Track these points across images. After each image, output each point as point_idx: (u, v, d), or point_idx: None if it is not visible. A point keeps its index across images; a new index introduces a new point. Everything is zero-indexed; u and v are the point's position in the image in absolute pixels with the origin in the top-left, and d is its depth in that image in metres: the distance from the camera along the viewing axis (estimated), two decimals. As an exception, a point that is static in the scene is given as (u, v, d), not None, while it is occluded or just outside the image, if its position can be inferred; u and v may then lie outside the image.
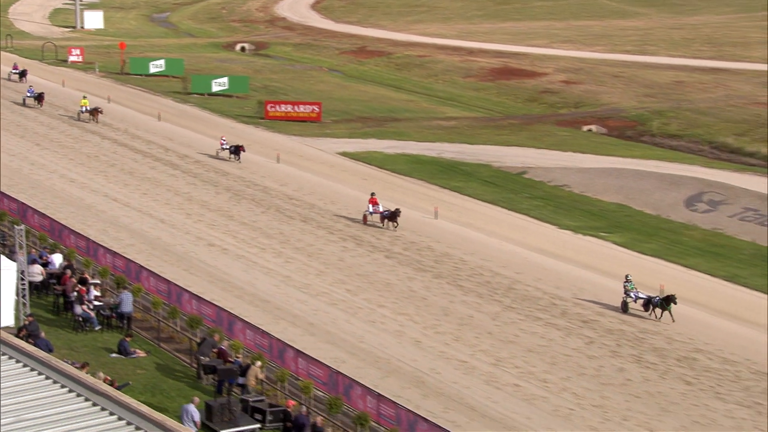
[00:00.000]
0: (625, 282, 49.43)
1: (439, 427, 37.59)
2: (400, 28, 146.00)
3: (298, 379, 41.41)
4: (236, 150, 76.60)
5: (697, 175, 72.79)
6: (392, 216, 62.06)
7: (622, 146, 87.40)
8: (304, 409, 37.60)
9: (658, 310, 49.12)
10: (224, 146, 77.59)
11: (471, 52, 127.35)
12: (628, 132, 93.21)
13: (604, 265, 57.40)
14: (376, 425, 38.48)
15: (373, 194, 63.77)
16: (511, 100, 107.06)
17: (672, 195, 68.21)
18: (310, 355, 43.01)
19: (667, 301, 48.24)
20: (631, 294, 49.12)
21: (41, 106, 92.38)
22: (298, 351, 43.22)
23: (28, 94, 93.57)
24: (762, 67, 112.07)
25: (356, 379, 41.09)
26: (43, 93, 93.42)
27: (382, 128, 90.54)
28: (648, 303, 49.21)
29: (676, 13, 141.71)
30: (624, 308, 49.88)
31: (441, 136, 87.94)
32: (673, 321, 48.64)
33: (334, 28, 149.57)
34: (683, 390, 43.43)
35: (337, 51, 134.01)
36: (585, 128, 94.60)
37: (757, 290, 54.52)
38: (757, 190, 68.08)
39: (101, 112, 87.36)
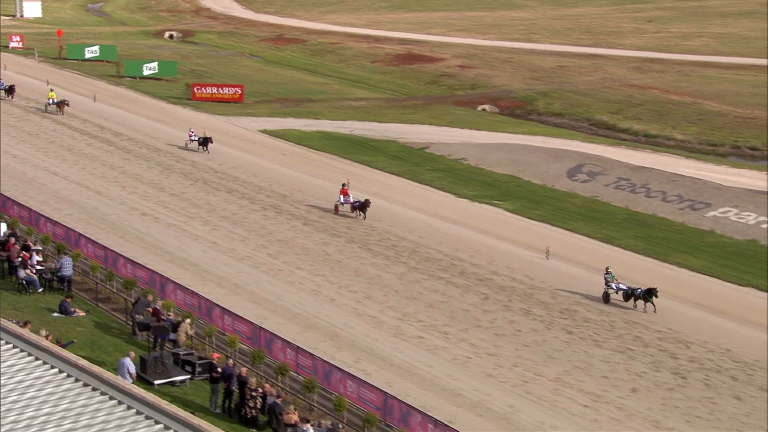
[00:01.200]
0: (605, 274, 47.09)
1: (352, 375, 37.74)
2: (313, 18, 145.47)
3: (225, 335, 41.38)
4: (204, 141, 73.27)
5: (577, 149, 73.43)
6: (362, 206, 58.80)
7: (512, 124, 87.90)
8: (230, 361, 37.49)
9: (640, 302, 46.30)
10: (192, 138, 74.16)
11: (378, 39, 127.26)
12: (517, 111, 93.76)
13: (497, 229, 57.73)
14: (295, 374, 38.52)
15: (344, 185, 60.72)
16: (413, 83, 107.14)
17: (556, 167, 68.71)
18: (235, 312, 43.06)
19: (649, 293, 45.84)
20: (612, 285, 46.71)
21: (12, 98, 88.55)
22: (224, 309, 43.23)
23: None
24: (633, 53, 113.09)
25: (277, 334, 41.16)
26: (14, 85, 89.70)
27: (299, 108, 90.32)
28: (629, 294, 46.70)
29: (557, 5, 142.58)
30: (605, 299, 47.23)
31: (351, 115, 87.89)
32: (655, 311, 46.17)
33: (254, 18, 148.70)
34: (565, 339, 43.89)
35: (256, 38, 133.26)
36: (479, 108, 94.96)
37: (628, 250, 55.07)
38: (629, 162, 68.76)
39: (68, 104, 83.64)
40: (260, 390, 35.21)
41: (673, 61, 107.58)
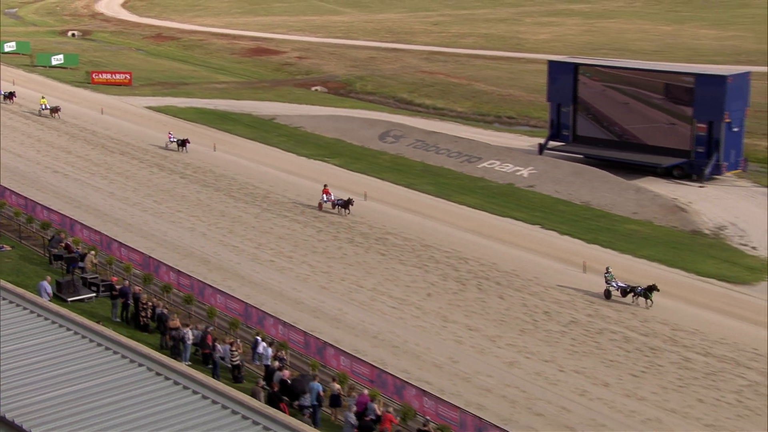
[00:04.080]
0: (605, 273, 40.17)
1: (221, 290, 37.59)
2: (184, 20, 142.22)
3: (121, 262, 40.91)
4: (183, 143, 63.18)
5: (385, 119, 73.60)
6: (345, 204, 50.27)
7: (337, 100, 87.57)
8: (126, 282, 37.01)
9: (641, 299, 39.10)
10: (172, 139, 64.12)
11: (234, 37, 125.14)
12: (341, 91, 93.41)
13: (327, 179, 57.38)
14: (177, 291, 38.14)
15: (325, 186, 51.96)
16: (263, 70, 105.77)
17: (370, 132, 68.79)
18: (130, 245, 42.58)
19: (649, 290, 38.66)
20: (613, 283, 39.68)
21: None
22: (120, 243, 42.83)
23: None
24: (424, 47, 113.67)
25: (162, 261, 40.76)
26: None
27: (175, 90, 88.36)
28: (628, 291, 39.35)
29: (368, 12, 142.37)
30: (607, 295, 39.68)
31: (216, 94, 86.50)
32: (652, 305, 38.82)
33: (138, 21, 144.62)
34: (379, 259, 44.15)
35: (141, 36, 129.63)
36: (313, 88, 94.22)
37: (424, 192, 55.32)
38: (423, 128, 69.20)
39: (59, 109, 72.73)
40: (150, 303, 34.96)
41: (453, 54, 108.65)
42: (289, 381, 29.08)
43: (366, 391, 29.16)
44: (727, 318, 37.98)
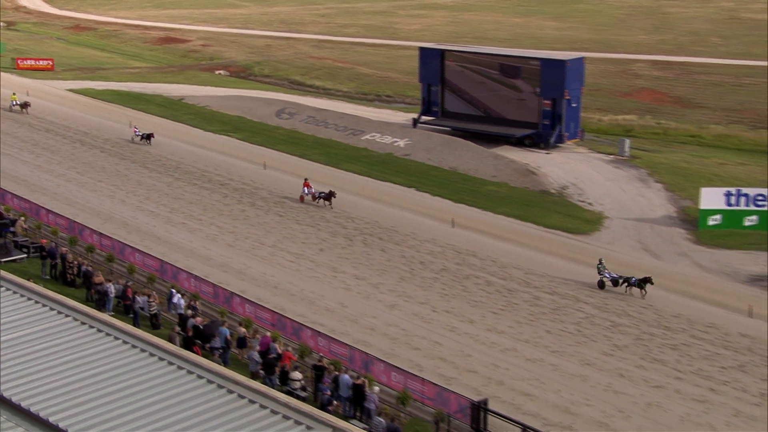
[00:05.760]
0: (598, 264, 36.55)
1: (139, 249, 36.84)
2: (101, 13, 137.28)
3: (49, 227, 39.66)
4: (147, 136, 57.63)
5: (281, 98, 72.74)
6: (327, 196, 45.54)
7: (238, 82, 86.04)
8: (53, 244, 35.89)
9: (636, 289, 35.58)
10: (137, 133, 58.32)
11: (146, 28, 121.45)
12: (242, 74, 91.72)
13: (231, 151, 56.82)
14: (100, 251, 37.27)
15: (306, 179, 47.25)
16: (172, 57, 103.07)
17: (268, 110, 67.86)
18: (56, 211, 41.42)
19: (644, 281, 35.26)
20: (605, 274, 36.32)
21: None
22: (48, 209, 41.55)
23: None
24: (313, 36, 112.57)
25: (86, 225, 39.72)
26: None
27: (94, 74, 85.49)
28: (622, 282, 35.75)
29: (264, 5, 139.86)
30: (600, 286, 36.21)
31: (131, 78, 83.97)
32: (645, 294, 35.47)
33: (58, 13, 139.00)
34: (278, 220, 43.82)
35: (61, 27, 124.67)
36: (216, 72, 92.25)
37: (315, 162, 54.84)
38: (314, 106, 68.67)
39: (29, 105, 65.62)
40: (76, 262, 34.09)
41: (338, 42, 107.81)
42: (201, 327, 28.85)
43: (268, 333, 29.12)
44: (569, 262, 39.05)
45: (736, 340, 31.83)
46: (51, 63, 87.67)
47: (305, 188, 46.51)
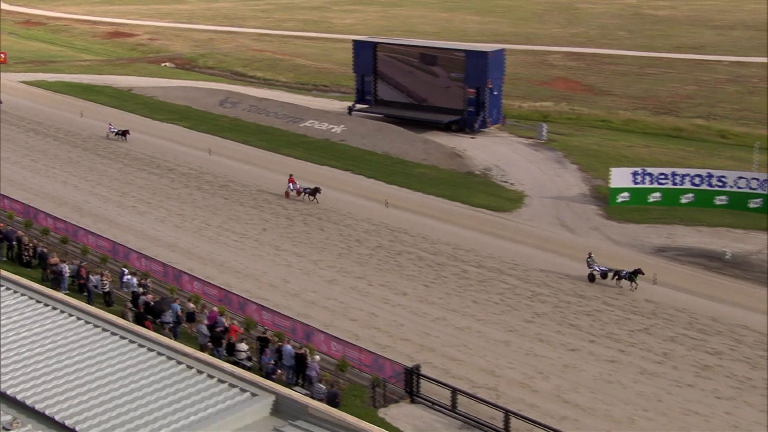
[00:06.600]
0: (588, 258, 34.81)
1: (92, 232, 36.25)
2: (50, 9, 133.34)
3: (5, 211, 38.78)
4: (123, 133, 54.73)
5: (224, 88, 71.74)
6: (313, 192, 43.26)
7: (184, 74, 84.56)
8: (10, 227, 35.05)
9: (626, 282, 33.93)
10: (112, 130, 55.37)
11: (95, 22, 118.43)
12: (187, 66, 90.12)
13: (179, 138, 55.99)
14: (55, 234, 36.50)
15: (291, 175, 44.68)
16: (120, 50, 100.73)
17: (212, 99, 66.88)
18: (12, 197, 40.43)
19: (634, 274, 33.62)
20: (595, 267, 34.35)
21: None
22: (3, 195, 40.78)
23: None
24: (254, 30, 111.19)
25: (40, 209, 38.88)
26: None
27: (46, 67, 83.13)
28: (614, 276, 34.09)
29: (208, 1, 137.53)
30: (591, 279, 34.39)
31: (81, 70, 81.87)
32: (636, 288, 33.90)
33: (8, 9, 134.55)
34: (223, 202, 43.40)
35: (13, 22, 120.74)
36: (163, 65, 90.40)
37: (258, 148, 54.28)
38: (256, 96, 67.94)
39: (0, 102, 62.59)
40: (32, 244, 33.39)
41: (277, 35, 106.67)
42: (152, 303, 28.56)
43: (215, 308, 28.94)
44: (494, 238, 39.54)
45: (642, 305, 32.70)
46: (4, 56, 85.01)
47: (290, 184, 43.81)
